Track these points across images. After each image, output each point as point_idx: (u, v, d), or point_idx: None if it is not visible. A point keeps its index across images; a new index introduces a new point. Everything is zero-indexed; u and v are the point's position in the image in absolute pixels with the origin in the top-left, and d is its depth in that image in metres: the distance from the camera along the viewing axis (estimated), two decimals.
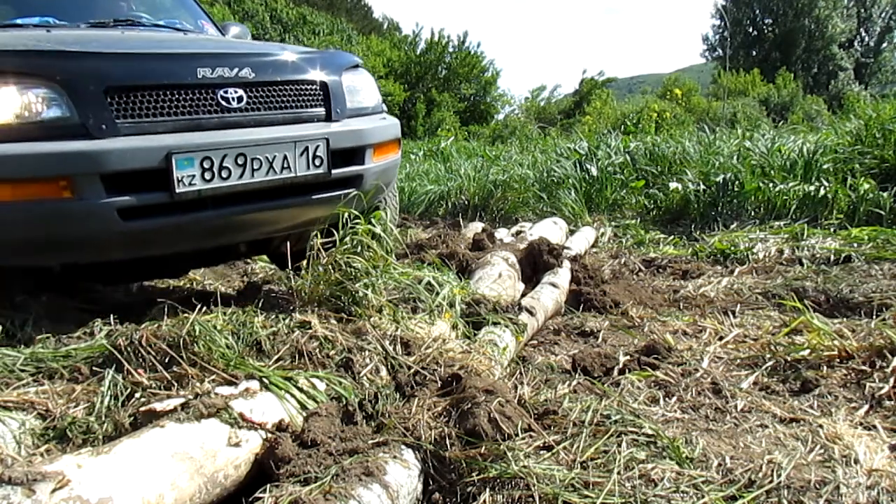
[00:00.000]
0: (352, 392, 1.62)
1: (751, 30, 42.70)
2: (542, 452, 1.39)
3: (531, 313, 2.51)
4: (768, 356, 2.08)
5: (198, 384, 1.50)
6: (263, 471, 1.29)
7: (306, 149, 2.50)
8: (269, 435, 1.34)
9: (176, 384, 1.52)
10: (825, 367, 1.95)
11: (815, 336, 2.12)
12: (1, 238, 2.12)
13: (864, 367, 1.91)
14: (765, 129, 8.85)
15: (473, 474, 1.31)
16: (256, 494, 1.19)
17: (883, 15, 42.55)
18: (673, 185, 5.54)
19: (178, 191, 2.20)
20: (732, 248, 3.92)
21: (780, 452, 1.41)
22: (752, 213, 4.88)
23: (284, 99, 2.61)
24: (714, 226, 4.80)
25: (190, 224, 2.33)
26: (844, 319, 2.51)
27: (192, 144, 2.24)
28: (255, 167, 2.36)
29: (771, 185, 5.02)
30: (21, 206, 2.06)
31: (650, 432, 1.46)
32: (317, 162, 2.54)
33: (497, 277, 2.98)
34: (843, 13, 40.60)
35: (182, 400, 1.34)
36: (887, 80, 39.88)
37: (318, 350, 1.73)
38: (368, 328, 1.89)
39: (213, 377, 1.54)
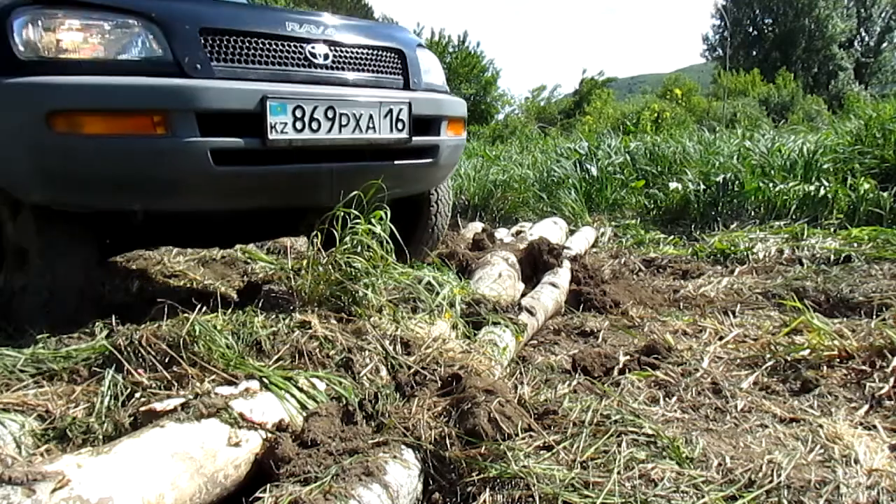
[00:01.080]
0: (352, 392, 1.62)
1: (751, 30, 42.71)
2: (542, 452, 1.39)
3: (531, 313, 2.51)
4: (768, 356, 2.08)
5: (198, 384, 1.50)
6: (263, 471, 1.29)
7: (390, 111, 2.50)
8: (269, 435, 1.34)
9: (176, 384, 1.52)
10: (825, 367, 1.95)
11: (815, 336, 2.12)
12: (89, 175, 2.09)
13: (864, 367, 1.91)
14: (765, 128, 8.86)
15: (473, 474, 1.31)
16: (257, 494, 1.19)
17: (883, 15, 42.55)
18: (673, 185, 5.54)
19: (270, 137, 2.18)
20: (732, 247, 3.92)
21: (780, 452, 1.41)
22: (752, 213, 4.88)
23: (366, 62, 2.63)
24: (714, 226, 4.80)
25: (276, 176, 2.31)
26: (844, 319, 2.51)
27: (285, 91, 2.24)
28: (343, 123, 2.35)
29: (771, 185, 5.02)
30: (113, 141, 2.03)
31: (650, 432, 1.45)
32: (399, 126, 2.54)
33: (497, 277, 2.98)
34: (843, 13, 40.60)
35: (182, 400, 1.34)
36: (887, 80, 39.88)
37: (318, 350, 1.73)
38: (368, 328, 1.89)
39: (213, 377, 1.54)
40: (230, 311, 1.95)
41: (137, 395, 1.50)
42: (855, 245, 3.71)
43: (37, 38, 2.03)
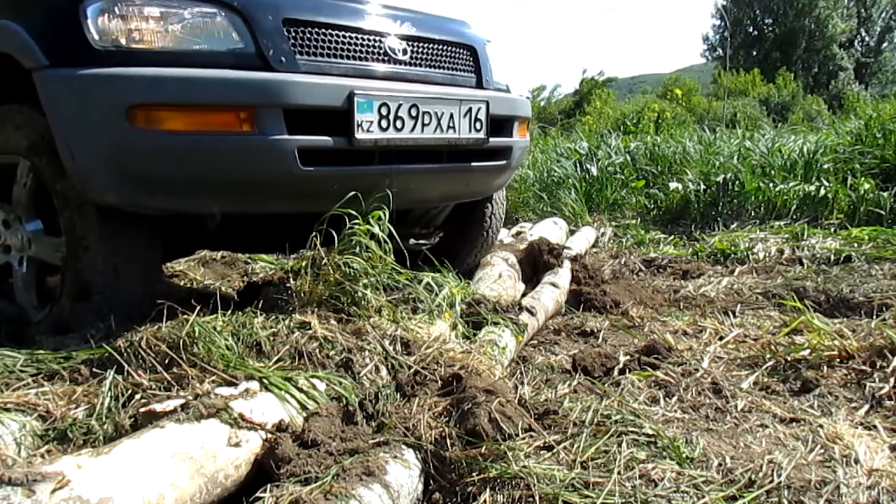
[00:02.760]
0: (352, 392, 1.62)
1: (751, 29, 42.71)
2: (542, 452, 1.39)
3: (531, 313, 2.51)
4: (768, 356, 2.08)
5: (198, 385, 1.50)
6: (264, 471, 1.29)
7: (469, 110, 2.41)
8: (270, 435, 1.34)
9: (176, 385, 1.52)
10: (825, 367, 1.95)
11: (815, 336, 2.12)
12: (169, 175, 1.96)
13: (864, 367, 1.91)
14: (765, 128, 8.85)
15: (474, 474, 1.31)
16: (257, 494, 1.19)
17: (883, 15, 42.55)
18: (673, 185, 5.54)
19: (357, 136, 2.08)
20: (733, 247, 3.92)
21: (781, 452, 1.41)
22: (753, 213, 4.88)
23: (442, 59, 2.54)
24: (714, 226, 4.80)
25: (360, 178, 2.19)
26: (845, 319, 2.51)
27: (371, 88, 2.14)
28: (426, 122, 2.26)
29: (771, 185, 5.02)
30: (197, 139, 1.91)
31: (650, 432, 1.45)
32: (477, 126, 2.45)
33: (497, 278, 2.98)
34: (843, 13, 40.60)
35: (182, 401, 1.34)
36: (888, 80, 39.88)
37: (317, 350, 1.73)
38: (368, 328, 1.89)
39: (213, 378, 1.54)
40: (230, 311, 1.95)
41: (138, 395, 1.50)
42: (855, 245, 3.71)
43: (113, 27, 1.90)
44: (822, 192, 4.75)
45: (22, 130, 2.11)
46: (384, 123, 2.14)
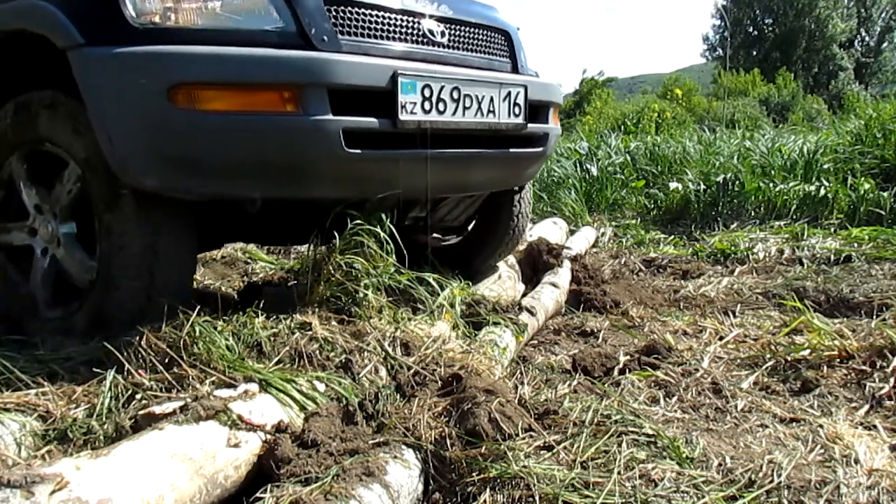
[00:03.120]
0: (352, 393, 1.62)
1: (751, 29, 42.72)
2: (542, 452, 1.39)
3: (531, 313, 2.51)
4: (768, 356, 2.07)
5: (198, 386, 1.50)
6: (263, 471, 1.29)
7: (509, 94, 2.36)
8: (269, 436, 1.34)
9: (176, 386, 1.52)
10: (825, 367, 1.95)
11: (815, 336, 2.12)
12: (211, 158, 1.90)
13: (864, 367, 1.91)
14: (765, 129, 8.86)
15: (474, 474, 1.31)
16: (257, 494, 1.19)
17: (883, 15, 42.56)
18: (673, 185, 5.54)
19: (401, 118, 2.02)
20: (733, 247, 3.93)
21: (781, 452, 1.41)
22: (753, 213, 4.89)
23: (479, 43, 2.49)
24: (714, 226, 4.80)
25: (402, 163, 2.13)
26: (845, 319, 2.51)
27: (414, 68, 2.07)
28: (467, 105, 2.20)
29: (771, 185, 5.02)
30: (240, 119, 1.85)
31: (650, 432, 1.45)
32: (516, 110, 2.40)
33: (497, 278, 2.98)
34: (843, 13, 40.60)
35: (181, 402, 1.34)
36: (888, 80, 39.88)
37: (318, 352, 1.73)
38: (368, 329, 1.89)
39: (212, 379, 1.54)
40: (230, 311, 1.95)
41: (138, 396, 1.50)
42: (855, 245, 3.71)
43: (151, 4, 1.85)
44: (822, 192, 4.76)
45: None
46: (427, 105, 2.09)
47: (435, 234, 3.34)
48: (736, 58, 39.80)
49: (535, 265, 3.29)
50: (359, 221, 2.22)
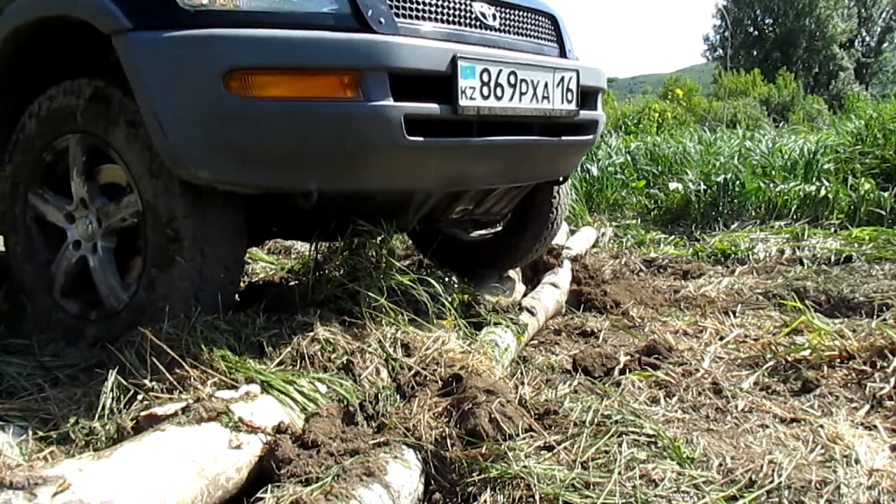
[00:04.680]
0: (353, 393, 1.62)
1: (751, 30, 42.72)
2: (542, 452, 1.39)
3: (532, 313, 2.51)
4: (769, 356, 2.08)
5: (199, 387, 1.50)
6: (264, 472, 1.29)
7: (562, 79, 2.25)
8: (270, 437, 1.34)
9: (177, 387, 1.51)
10: (826, 368, 1.95)
11: (815, 336, 2.12)
12: (268, 147, 1.81)
13: (864, 368, 1.91)
14: (765, 129, 8.86)
15: (474, 474, 1.31)
16: (258, 495, 1.19)
17: (883, 15, 42.56)
18: (673, 185, 5.55)
19: (461, 103, 1.92)
20: (733, 248, 3.93)
21: (781, 452, 1.41)
22: (753, 214, 4.89)
23: (529, 27, 2.39)
24: (715, 226, 4.80)
25: (461, 152, 2.04)
26: (845, 319, 2.51)
27: (473, 52, 1.99)
28: (523, 90, 2.10)
29: (772, 185, 5.03)
30: (297, 106, 1.76)
31: (651, 432, 1.46)
32: (569, 97, 2.30)
33: (497, 278, 2.98)
34: (843, 13, 40.60)
35: (183, 404, 1.34)
36: (888, 80, 39.88)
37: (319, 353, 1.73)
38: (369, 330, 1.89)
39: (214, 380, 1.54)
40: (231, 312, 1.95)
41: (139, 397, 1.50)
42: (856, 245, 3.71)
43: None
44: (823, 192, 4.76)
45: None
46: (485, 91, 1.99)
47: (471, 233, 3.26)
48: (736, 58, 39.81)
49: (536, 265, 3.30)
50: (361, 221, 2.22)
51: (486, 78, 1.99)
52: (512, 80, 2.06)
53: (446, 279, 2.51)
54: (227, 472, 1.22)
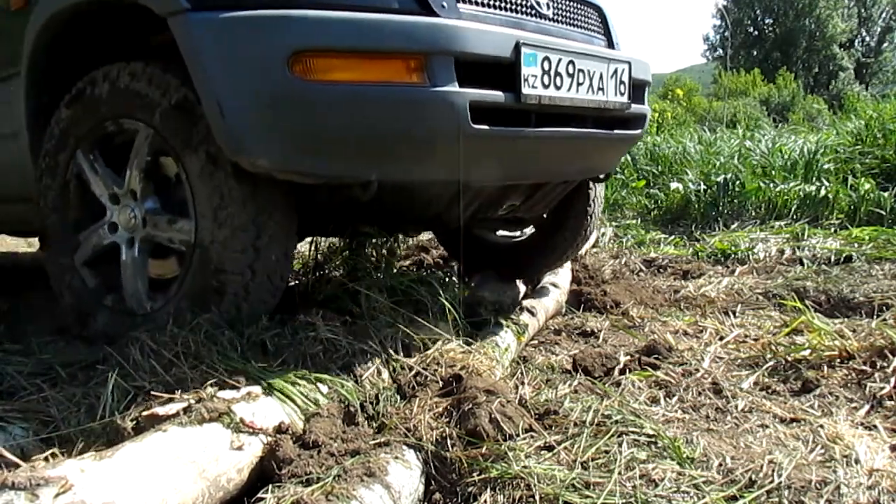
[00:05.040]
0: (354, 394, 1.62)
1: (751, 30, 42.72)
2: (543, 452, 1.39)
3: (532, 314, 2.51)
4: (769, 356, 2.08)
5: (200, 387, 1.50)
6: (265, 473, 1.29)
7: (615, 71, 2.21)
8: (271, 438, 1.35)
9: (178, 387, 1.51)
10: (826, 368, 1.95)
11: (815, 336, 2.12)
12: (331, 134, 1.75)
13: (864, 368, 1.91)
14: (765, 129, 8.85)
15: (474, 474, 1.32)
16: (258, 495, 1.19)
17: (883, 15, 42.56)
18: (674, 185, 5.55)
19: (524, 91, 1.87)
20: (733, 248, 3.93)
21: (781, 452, 1.41)
22: (753, 214, 4.89)
23: (579, 17, 2.35)
24: (715, 226, 4.80)
25: (521, 142, 1.98)
26: (845, 319, 2.51)
27: (534, 39, 1.93)
28: (580, 80, 2.05)
29: (772, 185, 5.03)
30: (361, 90, 1.70)
31: (651, 432, 1.46)
32: (622, 89, 2.25)
33: (498, 278, 2.98)
34: (843, 13, 40.60)
35: (184, 404, 1.34)
36: (888, 80, 39.87)
37: (321, 353, 1.73)
38: (370, 330, 1.89)
39: (215, 380, 1.54)
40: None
41: (140, 398, 1.50)
42: (856, 245, 3.71)
43: None
44: (823, 192, 4.76)
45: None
46: (546, 80, 1.93)
47: (500, 234, 3.19)
48: (736, 58, 39.81)
49: None
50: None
51: (546, 66, 1.93)
52: (570, 69, 2.01)
53: (446, 279, 2.51)
54: (228, 473, 1.23)
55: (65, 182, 2.12)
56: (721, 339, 2.37)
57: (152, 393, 1.48)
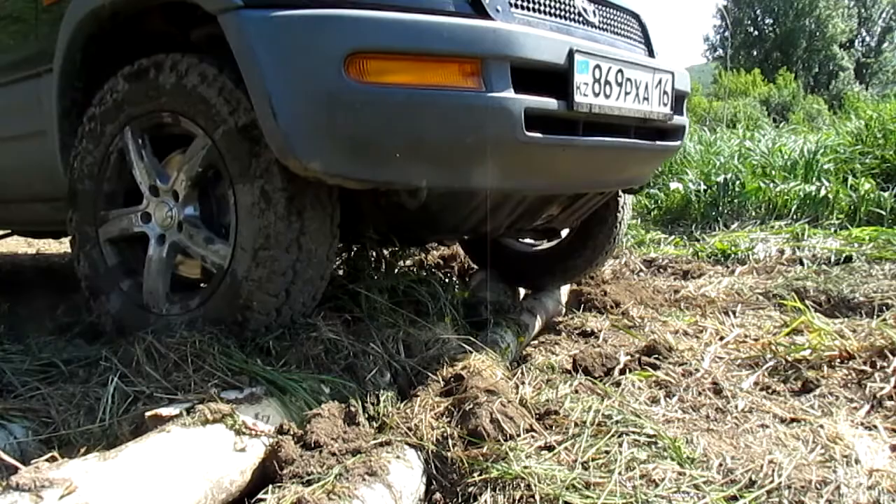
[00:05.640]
0: (356, 394, 1.62)
1: (752, 30, 42.72)
2: (543, 453, 1.39)
3: (532, 314, 2.52)
4: (769, 356, 2.08)
5: (203, 388, 1.50)
6: (267, 473, 1.29)
7: (660, 81, 2.17)
8: (273, 439, 1.35)
9: (181, 388, 1.52)
10: (826, 368, 1.96)
11: (815, 336, 2.12)
12: (384, 138, 1.70)
13: (864, 368, 1.91)
14: (765, 129, 8.85)
15: (475, 474, 1.32)
16: (259, 496, 1.20)
17: (883, 15, 42.57)
18: (674, 185, 5.55)
19: (576, 100, 1.83)
20: (733, 248, 3.93)
21: (781, 452, 1.42)
22: (753, 214, 4.89)
23: (622, 25, 2.32)
24: (715, 226, 4.81)
25: (566, 152, 1.93)
26: (845, 319, 2.51)
27: (586, 46, 1.89)
28: (627, 90, 2.01)
29: (772, 185, 5.03)
30: (416, 94, 1.66)
31: (651, 432, 1.46)
32: (665, 99, 2.21)
33: (498, 279, 2.98)
34: (843, 13, 40.61)
35: (187, 405, 1.34)
36: (888, 80, 39.87)
37: (323, 353, 1.74)
38: (372, 331, 1.89)
39: (218, 381, 1.54)
40: None
41: (142, 399, 1.50)
42: (856, 245, 3.72)
43: None
44: (823, 192, 4.76)
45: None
46: (596, 88, 1.90)
47: (525, 240, 3.15)
48: (736, 58, 39.82)
49: None
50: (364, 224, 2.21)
51: (597, 74, 1.90)
52: (619, 78, 1.98)
53: (447, 280, 2.51)
54: (231, 475, 1.22)
55: (106, 153, 2.03)
56: (721, 339, 2.37)
57: (154, 395, 1.48)
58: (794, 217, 4.65)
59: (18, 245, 5.20)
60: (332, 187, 1.83)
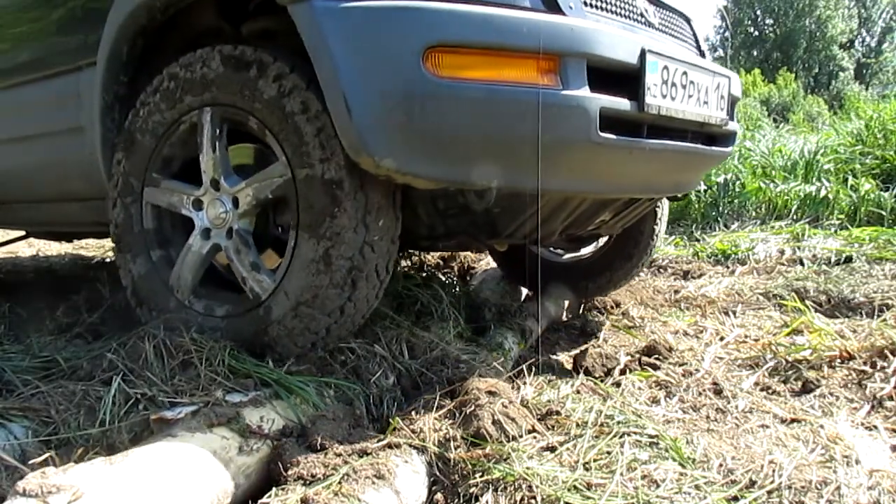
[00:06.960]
0: (359, 396, 1.63)
1: (752, 30, 42.69)
2: (545, 453, 1.40)
3: (533, 315, 2.52)
4: (769, 356, 2.08)
5: (208, 391, 1.50)
6: (272, 476, 1.29)
7: (718, 85, 2.11)
8: (278, 442, 1.35)
9: (185, 391, 1.52)
10: (826, 368, 1.96)
11: (816, 336, 2.13)
12: (458, 135, 1.64)
13: (865, 368, 1.92)
14: (765, 129, 8.86)
15: (477, 476, 1.32)
16: (263, 500, 1.20)
17: (883, 15, 42.57)
18: None
19: (647, 101, 1.77)
20: (733, 248, 3.94)
21: (782, 453, 1.42)
22: (753, 214, 4.90)
23: (677, 27, 2.26)
24: (715, 226, 4.81)
25: (633, 154, 1.86)
26: (845, 320, 2.52)
27: (655, 46, 1.83)
28: (690, 93, 1.96)
29: (772, 185, 5.04)
30: (493, 91, 1.60)
31: (652, 433, 1.46)
32: (722, 104, 2.16)
33: (499, 280, 2.99)
34: (843, 14, 40.60)
35: (193, 408, 1.34)
36: (888, 80, 39.84)
37: (327, 356, 1.74)
38: (375, 332, 1.90)
39: (222, 383, 1.54)
40: None
41: (145, 401, 1.50)
42: (856, 245, 3.72)
43: None
44: (823, 192, 4.77)
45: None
46: (664, 90, 1.84)
47: (552, 248, 3.07)
48: (737, 58, 39.79)
49: None
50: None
51: (665, 76, 1.85)
52: (684, 80, 1.93)
53: (448, 282, 2.51)
54: (237, 479, 1.23)
55: (178, 119, 1.90)
56: (721, 339, 2.38)
57: (156, 398, 1.48)
58: (795, 217, 4.65)
59: (18, 245, 5.20)
60: (394, 245, 1.77)
